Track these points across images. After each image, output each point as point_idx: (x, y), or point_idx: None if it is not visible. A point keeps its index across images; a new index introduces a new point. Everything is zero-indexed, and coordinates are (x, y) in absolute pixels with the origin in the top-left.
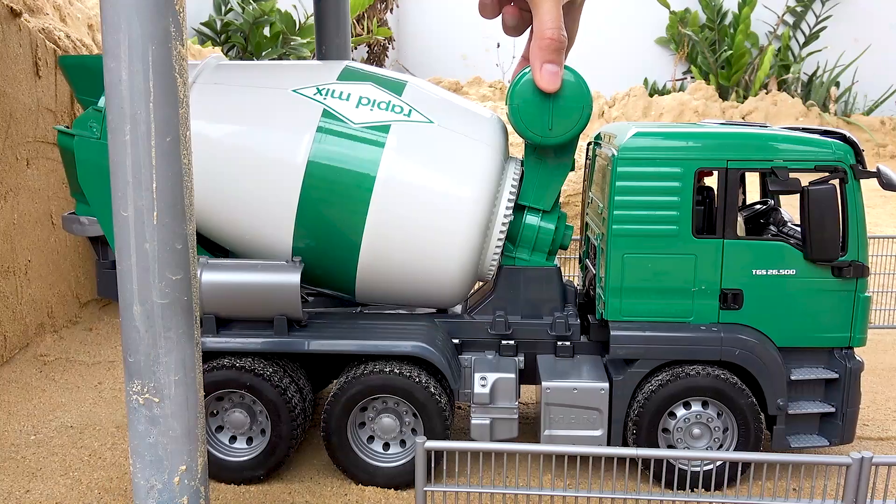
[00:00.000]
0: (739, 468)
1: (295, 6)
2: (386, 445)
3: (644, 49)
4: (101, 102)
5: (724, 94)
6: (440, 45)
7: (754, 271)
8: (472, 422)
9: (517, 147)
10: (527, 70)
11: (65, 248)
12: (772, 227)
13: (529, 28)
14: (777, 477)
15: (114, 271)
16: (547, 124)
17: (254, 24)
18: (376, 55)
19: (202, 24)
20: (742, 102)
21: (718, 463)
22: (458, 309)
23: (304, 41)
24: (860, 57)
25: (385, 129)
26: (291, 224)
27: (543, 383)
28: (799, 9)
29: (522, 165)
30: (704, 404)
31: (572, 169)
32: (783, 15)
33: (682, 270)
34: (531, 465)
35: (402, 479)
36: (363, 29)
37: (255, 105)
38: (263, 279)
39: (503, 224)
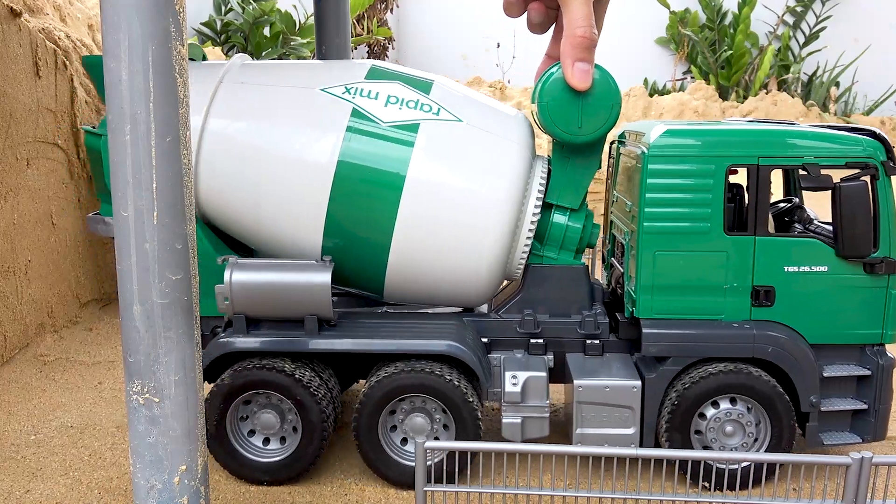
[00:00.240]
0: (765, 468)
1: (295, 6)
2: (403, 441)
3: (644, 49)
4: None
5: (724, 94)
6: (440, 45)
7: (786, 268)
8: (504, 421)
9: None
10: (553, 68)
11: (65, 248)
12: (797, 225)
13: (553, 25)
14: (777, 477)
15: None
16: (577, 122)
17: (254, 24)
18: (376, 55)
19: (202, 24)
20: (742, 102)
21: (744, 463)
22: (484, 308)
23: (304, 41)
24: (860, 57)
25: (414, 127)
26: (321, 223)
27: (575, 381)
28: (799, 9)
29: (549, 164)
30: (737, 402)
31: (599, 167)
32: (783, 15)
33: (714, 267)
34: (531, 465)
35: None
36: (363, 29)
37: (284, 104)
38: (294, 279)
39: (531, 222)
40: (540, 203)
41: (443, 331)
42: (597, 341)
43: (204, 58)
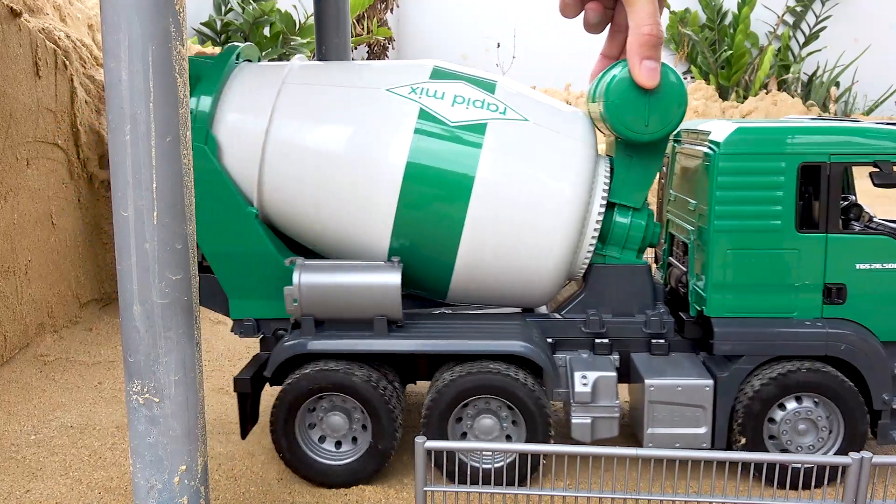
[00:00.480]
0: (827, 472)
1: (295, 6)
2: None
3: None
4: None
5: (724, 94)
6: (440, 45)
7: (857, 265)
8: (574, 421)
9: None
10: (615, 68)
11: (65, 248)
12: (854, 223)
13: (608, 25)
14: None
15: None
16: (644, 121)
17: (254, 24)
18: (376, 55)
19: (202, 24)
20: (742, 102)
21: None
22: (544, 309)
23: (304, 41)
24: (860, 57)
25: (482, 128)
26: (390, 225)
27: (646, 381)
28: (799, 9)
29: (612, 163)
30: (809, 400)
31: (662, 167)
32: (783, 15)
33: (786, 265)
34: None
35: (502, 478)
36: (363, 29)
37: (349, 105)
38: (364, 280)
39: (597, 222)
40: (605, 203)
41: (511, 331)
42: (663, 341)
43: (259, 59)
